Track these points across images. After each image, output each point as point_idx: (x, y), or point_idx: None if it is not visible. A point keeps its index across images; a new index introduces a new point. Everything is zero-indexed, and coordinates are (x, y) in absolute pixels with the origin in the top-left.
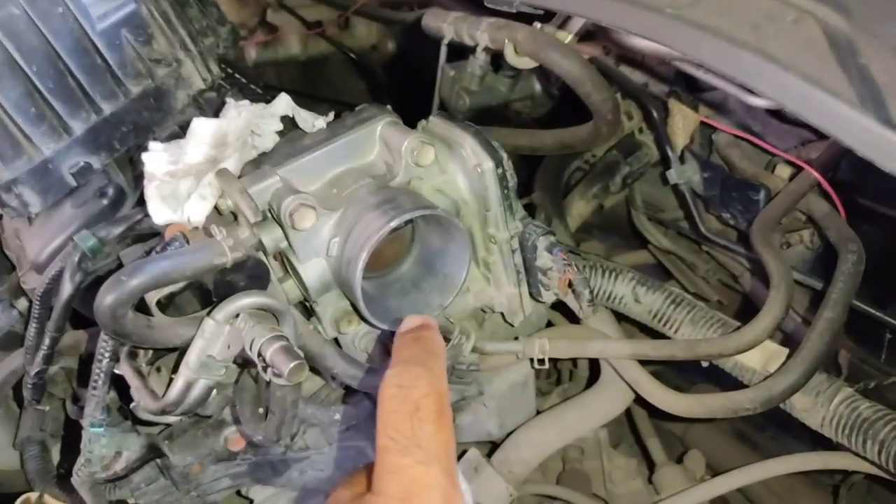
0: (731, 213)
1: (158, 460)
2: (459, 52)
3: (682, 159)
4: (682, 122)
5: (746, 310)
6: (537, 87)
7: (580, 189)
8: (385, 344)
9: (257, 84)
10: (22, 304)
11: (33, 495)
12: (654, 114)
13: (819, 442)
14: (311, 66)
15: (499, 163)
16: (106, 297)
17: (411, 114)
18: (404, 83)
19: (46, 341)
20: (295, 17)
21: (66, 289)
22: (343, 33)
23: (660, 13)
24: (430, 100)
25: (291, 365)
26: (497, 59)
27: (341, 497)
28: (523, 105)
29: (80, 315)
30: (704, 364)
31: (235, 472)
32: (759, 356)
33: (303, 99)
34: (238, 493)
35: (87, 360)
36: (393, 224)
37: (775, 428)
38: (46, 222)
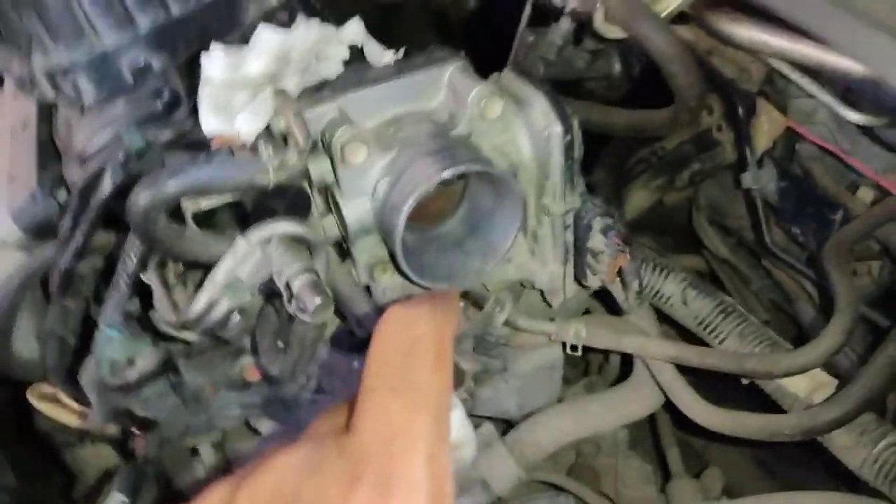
0: (802, 229)
1: (172, 377)
2: (542, 19)
3: (760, 164)
4: (768, 124)
5: (794, 338)
6: (616, 67)
7: (644, 179)
8: None
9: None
10: (62, 195)
11: (48, 387)
12: (740, 110)
13: (843, 483)
14: (388, 11)
15: (568, 129)
16: (140, 196)
17: (483, 75)
18: (480, 42)
19: (79, 237)
20: None
21: (106, 186)
22: None
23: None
24: (504, 64)
25: (318, 300)
26: (579, 33)
27: (319, 430)
28: (598, 85)
29: (117, 216)
30: (745, 381)
31: (247, 401)
32: (805, 383)
33: None
34: (247, 423)
35: (114, 261)
36: (445, 174)
37: (797, 461)
38: (97, 115)
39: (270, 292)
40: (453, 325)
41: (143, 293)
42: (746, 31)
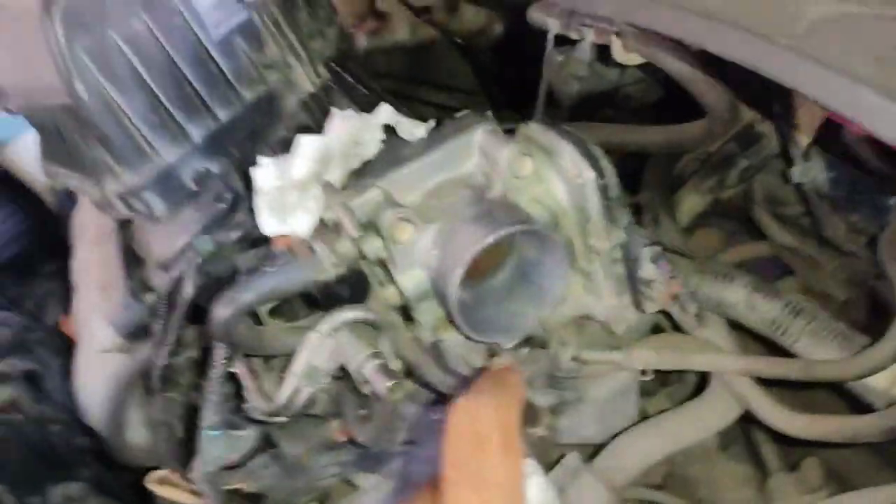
0: (860, 217)
1: (271, 450)
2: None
3: (806, 156)
4: (807, 116)
5: (877, 312)
6: (650, 70)
7: (693, 183)
8: None
9: (367, 72)
10: (149, 298)
11: (164, 473)
12: (776, 106)
13: None
14: (419, 52)
15: (600, 173)
16: (219, 312)
17: (519, 99)
18: (512, 66)
19: (171, 336)
20: (404, 4)
21: (188, 290)
22: (451, 18)
23: (770, 43)
24: (537, 85)
25: (388, 384)
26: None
27: None
28: (636, 89)
29: (201, 311)
30: None
31: (343, 460)
32: (887, 375)
33: (411, 85)
34: (346, 480)
35: (206, 352)
36: (490, 240)
37: None
38: (170, 224)
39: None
40: (517, 407)
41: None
42: None
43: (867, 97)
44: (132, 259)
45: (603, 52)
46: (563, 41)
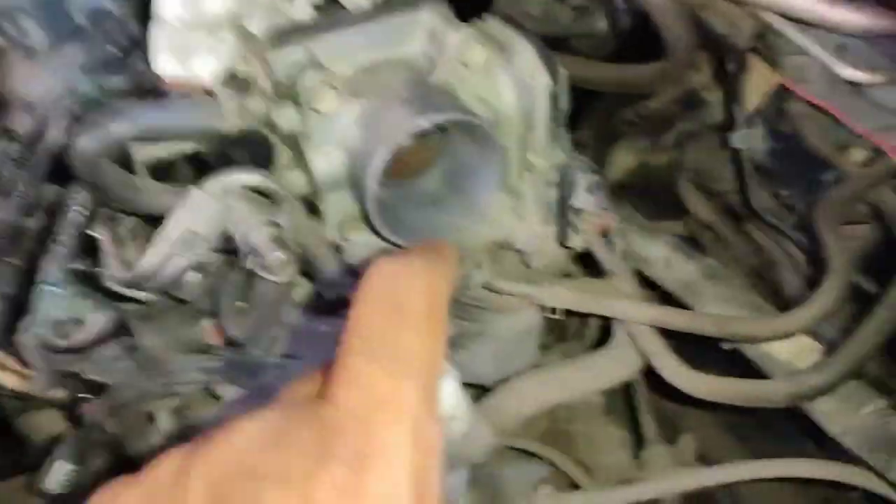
0: (791, 191)
1: (125, 339)
2: None
3: (749, 123)
4: (759, 81)
5: (775, 305)
6: (602, 24)
7: (628, 139)
8: None
9: None
10: (11, 147)
11: None
12: (730, 66)
13: (818, 450)
14: None
15: (555, 80)
16: (81, 139)
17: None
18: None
19: (25, 189)
20: None
21: (54, 135)
22: None
23: None
24: (486, 11)
25: (280, 256)
26: None
27: (294, 394)
28: (583, 43)
29: (68, 169)
30: (727, 346)
31: (208, 366)
32: (790, 348)
33: None
34: (207, 389)
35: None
36: (424, 123)
37: (771, 429)
38: (47, 62)
39: (231, 249)
40: (449, 281)
41: (92, 252)
42: None
43: None
44: None
45: None
46: None
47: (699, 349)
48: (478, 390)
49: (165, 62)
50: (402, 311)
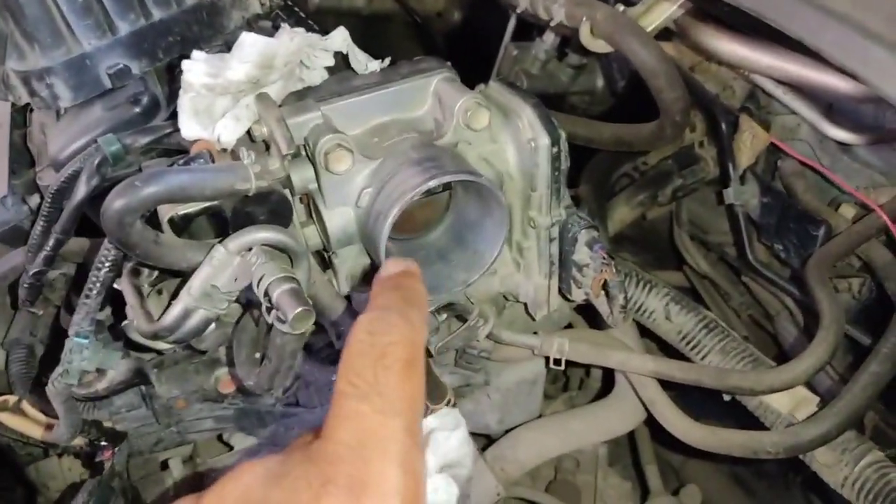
0: (784, 245)
1: (143, 388)
2: (526, 33)
3: (742, 180)
4: (751, 140)
5: (772, 356)
6: (599, 82)
7: (627, 194)
8: None
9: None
10: (35, 200)
11: (11, 398)
12: (723, 126)
13: (821, 500)
14: (373, 22)
15: (555, 141)
16: (115, 201)
17: (468, 86)
18: (464, 55)
19: (51, 242)
20: None
21: (81, 191)
22: None
23: None
24: (487, 77)
25: (298, 310)
26: (563, 47)
27: (296, 443)
28: (581, 100)
29: (92, 223)
30: (727, 398)
31: (220, 415)
32: (787, 400)
33: None
34: (219, 437)
35: (87, 269)
36: (431, 183)
37: (774, 479)
38: (74, 120)
39: (249, 302)
40: (424, 333)
41: (116, 303)
42: (730, 47)
43: (876, 54)
44: (23, 157)
45: (561, 50)
46: (524, 36)
47: (704, 398)
48: (483, 439)
49: (190, 125)
50: (385, 359)
